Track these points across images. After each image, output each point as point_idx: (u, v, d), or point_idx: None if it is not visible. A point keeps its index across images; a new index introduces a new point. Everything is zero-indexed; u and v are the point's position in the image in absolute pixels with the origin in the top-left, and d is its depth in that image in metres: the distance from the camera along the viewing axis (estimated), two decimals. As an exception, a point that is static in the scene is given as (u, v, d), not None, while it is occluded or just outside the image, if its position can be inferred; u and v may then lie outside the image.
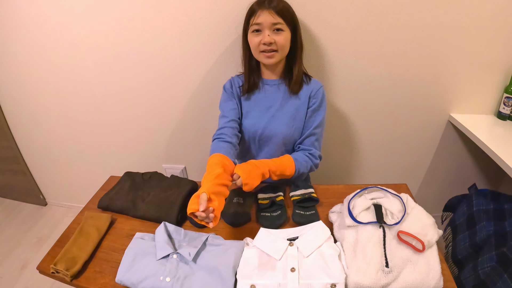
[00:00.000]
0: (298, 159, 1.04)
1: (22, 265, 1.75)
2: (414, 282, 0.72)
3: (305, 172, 1.08)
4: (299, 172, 1.03)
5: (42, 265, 0.88)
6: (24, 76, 1.58)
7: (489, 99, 1.41)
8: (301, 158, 1.05)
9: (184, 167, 1.78)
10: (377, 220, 0.82)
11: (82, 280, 0.83)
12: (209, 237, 0.86)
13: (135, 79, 1.47)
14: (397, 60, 1.29)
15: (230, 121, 1.06)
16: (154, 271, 0.78)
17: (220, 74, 1.36)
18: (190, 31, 1.28)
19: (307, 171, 1.08)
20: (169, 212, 0.98)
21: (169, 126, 1.61)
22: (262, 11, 0.96)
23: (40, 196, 2.19)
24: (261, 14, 0.96)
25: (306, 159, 1.06)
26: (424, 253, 0.77)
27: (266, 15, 0.96)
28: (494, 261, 1.00)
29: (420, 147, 1.58)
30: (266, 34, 0.97)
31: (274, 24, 0.96)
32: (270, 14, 0.95)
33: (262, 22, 0.96)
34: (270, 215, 0.96)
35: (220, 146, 0.97)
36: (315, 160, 1.09)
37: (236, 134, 1.06)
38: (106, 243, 0.93)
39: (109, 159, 1.84)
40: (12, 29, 1.43)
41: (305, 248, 0.79)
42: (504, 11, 1.16)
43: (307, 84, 1.09)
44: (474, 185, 1.28)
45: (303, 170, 1.05)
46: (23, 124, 1.82)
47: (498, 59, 1.29)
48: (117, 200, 1.06)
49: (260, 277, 0.74)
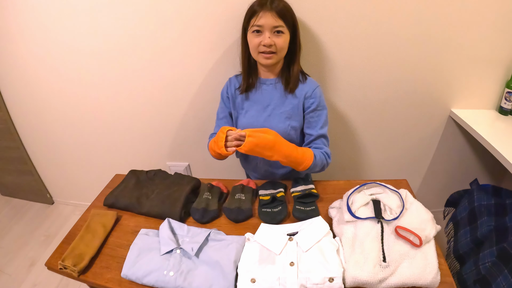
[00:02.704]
0: (317, 155, 1.04)
1: (31, 262, 1.78)
2: (411, 277, 0.73)
3: (317, 171, 1.07)
4: (313, 168, 1.03)
5: (50, 261, 0.91)
6: (30, 77, 1.60)
7: (491, 94, 1.41)
8: (319, 156, 1.05)
9: (188, 165, 1.80)
10: (375, 216, 0.83)
11: (89, 275, 0.85)
12: (211, 232, 0.88)
13: (140, 80, 1.49)
14: (398, 55, 1.29)
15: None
16: (158, 265, 0.81)
17: (222, 73, 1.37)
18: (192, 32, 1.30)
19: (319, 170, 1.08)
20: (173, 208, 1.00)
21: (173, 125, 1.63)
22: (264, 12, 0.96)
23: (47, 195, 2.22)
24: (263, 15, 0.96)
25: (323, 157, 1.06)
26: (422, 248, 0.78)
27: (268, 17, 0.96)
28: (494, 256, 1.01)
29: (421, 142, 1.59)
30: (267, 36, 0.97)
31: (275, 27, 0.97)
32: (272, 17, 0.96)
33: (264, 24, 0.97)
34: (271, 211, 0.98)
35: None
36: (328, 160, 1.09)
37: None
38: (112, 240, 0.96)
39: (114, 158, 1.86)
40: (18, 31, 1.45)
41: (304, 243, 0.80)
42: (505, 5, 1.16)
43: (302, 83, 1.09)
44: (475, 180, 1.28)
45: (317, 168, 1.05)
46: (29, 125, 1.85)
47: (499, 54, 1.28)
48: (123, 197, 1.08)
49: (260, 271, 0.76)
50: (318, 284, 0.72)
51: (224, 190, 1.10)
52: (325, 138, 1.11)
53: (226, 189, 1.12)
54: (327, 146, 1.11)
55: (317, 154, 1.04)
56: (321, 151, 1.07)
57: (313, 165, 1.01)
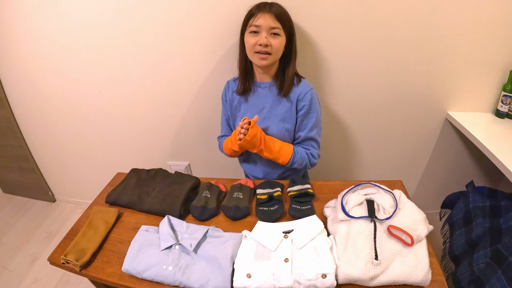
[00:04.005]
0: (298, 153, 1.13)
1: (32, 259, 1.80)
2: (403, 275, 0.75)
3: (298, 168, 1.15)
4: (292, 165, 1.12)
5: (53, 256, 0.93)
6: (34, 76, 1.62)
7: (487, 97, 1.41)
8: (300, 153, 1.13)
9: (188, 164, 1.82)
10: (368, 215, 0.85)
11: (91, 270, 0.88)
12: (209, 229, 0.91)
13: (142, 80, 1.51)
14: (394, 59, 1.31)
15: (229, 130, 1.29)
16: (157, 260, 0.83)
17: (222, 74, 1.39)
18: (193, 34, 1.32)
19: (300, 167, 1.16)
20: (173, 206, 1.02)
21: (174, 125, 1.65)
22: (263, 14, 1.00)
23: (49, 192, 2.25)
24: (261, 16, 1.00)
25: (305, 156, 1.14)
26: (413, 247, 0.80)
27: (266, 18, 0.99)
28: (488, 257, 1.02)
29: (418, 144, 1.60)
30: (263, 36, 1.00)
31: (272, 28, 1.00)
32: (270, 18, 0.99)
33: (261, 25, 1.00)
34: (267, 209, 1.00)
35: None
36: (313, 159, 1.16)
37: None
38: (113, 236, 0.98)
39: (116, 157, 1.89)
40: (21, 31, 1.47)
41: (299, 240, 0.83)
42: (502, 9, 1.17)
43: (296, 86, 1.11)
44: (471, 182, 1.29)
45: (297, 165, 1.13)
46: (32, 123, 1.87)
47: (496, 57, 1.29)
48: (124, 195, 1.11)
49: (256, 266, 0.79)
50: (311, 280, 0.74)
51: (223, 189, 1.13)
52: (313, 140, 1.15)
53: (225, 188, 1.14)
54: (315, 148, 1.17)
55: (299, 152, 1.13)
56: (306, 151, 1.15)
57: (290, 161, 1.12)
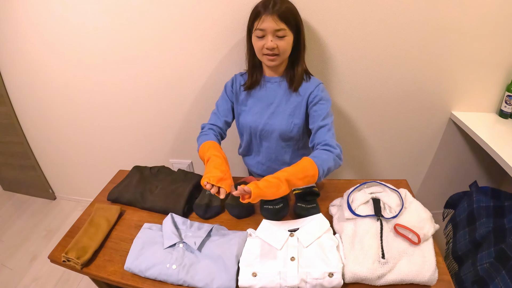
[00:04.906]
0: (316, 155, 0.95)
1: (32, 257, 1.79)
2: (410, 273, 0.74)
3: (331, 167, 0.96)
4: (324, 168, 0.92)
5: (53, 254, 0.92)
6: (35, 73, 1.62)
7: (491, 97, 1.41)
8: (319, 154, 0.96)
9: (190, 162, 1.82)
10: (375, 214, 0.85)
11: (92, 268, 0.87)
12: (214, 227, 0.90)
13: (144, 78, 1.50)
14: (399, 58, 1.30)
15: (221, 121, 1.16)
16: (161, 259, 0.82)
17: (225, 72, 1.39)
18: (197, 31, 1.31)
19: (333, 165, 0.97)
20: (176, 204, 1.01)
21: (176, 122, 1.65)
22: (266, 16, 0.97)
23: (49, 190, 2.24)
24: (265, 19, 0.97)
25: (325, 152, 0.97)
26: (420, 245, 0.79)
27: (269, 21, 0.97)
28: (492, 257, 1.02)
29: (422, 144, 1.60)
30: (269, 40, 0.99)
31: (277, 30, 0.98)
32: (273, 21, 0.97)
33: (266, 29, 0.98)
34: (272, 208, 0.99)
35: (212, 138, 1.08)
36: (335, 150, 0.98)
37: (221, 137, 1.16)
38: (115, 233, 0.97)
39: (117, 155, 1.88)
40: (22, 29, 1.47)
41: (305, 239, 0.82)
42: (506, 9, 1.17)
43: (306, 82, 1.11)
44: (475, 182, 1.29)
45: (328, 165, 0.94)
46: (33, 120, 1.86)
47: (500, 57, 1.29)
48: (126, 192, 1.09)
49: (262, 265, 0.78)
50: (318, 278, 0.73)
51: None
52: (327, 129, 1.03)
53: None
54: (330, 137, 1.01)
55: (316, 154, 0.96)
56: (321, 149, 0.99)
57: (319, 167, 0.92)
